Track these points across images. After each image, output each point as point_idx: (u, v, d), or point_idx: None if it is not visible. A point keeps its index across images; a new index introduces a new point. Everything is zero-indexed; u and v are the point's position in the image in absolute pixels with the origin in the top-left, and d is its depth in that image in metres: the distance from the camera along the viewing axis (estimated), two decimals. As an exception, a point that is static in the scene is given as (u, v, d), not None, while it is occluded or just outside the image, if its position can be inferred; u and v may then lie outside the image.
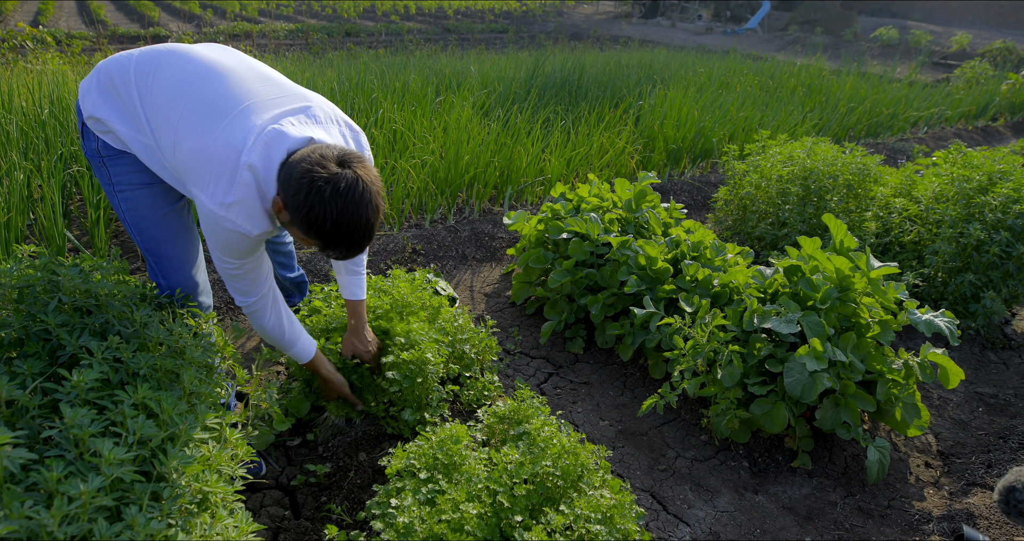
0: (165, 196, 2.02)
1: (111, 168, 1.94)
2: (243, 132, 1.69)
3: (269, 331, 2.05)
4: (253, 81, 1.83)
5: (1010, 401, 3.09)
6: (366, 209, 1.64)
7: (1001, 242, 3.34)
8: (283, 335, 2.08)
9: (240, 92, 1.77)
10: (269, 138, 1.68)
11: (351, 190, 1.60)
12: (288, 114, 1.77)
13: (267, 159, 1.67)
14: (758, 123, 6.42)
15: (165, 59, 1.85)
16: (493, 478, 1.80)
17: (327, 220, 1.60)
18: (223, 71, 1.81)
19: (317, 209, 1.59)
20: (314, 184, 1.58)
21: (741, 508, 2.35)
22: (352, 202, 1.61)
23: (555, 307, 3.24)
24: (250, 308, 1.99)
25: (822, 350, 2.34)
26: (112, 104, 1.86)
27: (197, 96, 1.75)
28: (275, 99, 1.80)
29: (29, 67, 7.26)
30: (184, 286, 2.09)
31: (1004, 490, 2.04)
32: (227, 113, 1.72)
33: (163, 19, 18.09)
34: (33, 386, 1.38)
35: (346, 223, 1.62)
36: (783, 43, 18.54)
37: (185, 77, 1.79)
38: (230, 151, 1.67)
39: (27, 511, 1.07)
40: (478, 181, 4.52)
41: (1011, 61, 15.03)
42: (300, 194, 1.59)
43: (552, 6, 27.17)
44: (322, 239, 1.66)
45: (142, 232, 2.01)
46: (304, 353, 2.18)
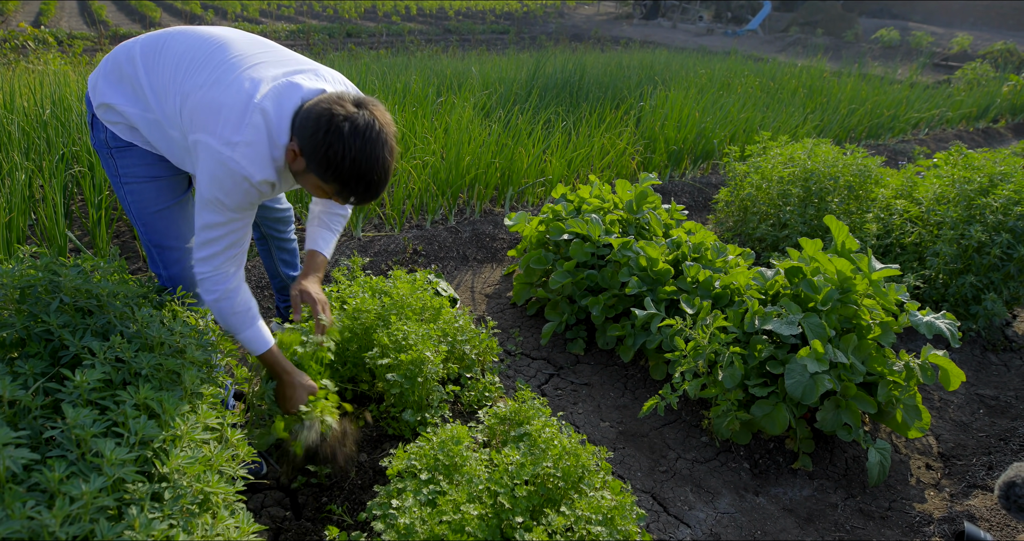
0: (171, 190, 2.05)
1: (118, 160, 1.97)
2: (255, 81, 1.71)
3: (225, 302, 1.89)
4: (260, 51, 1.86)
5: (1011, 403, 3.08)
6: (383, 149, 1.66)
7: (1002, 244, 3.34)
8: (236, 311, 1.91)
9: (246, 56, 1.80)
10: (282, 87, 1.71)
11: (369, 128, 1.63)
12: (299, 72, 1.80)
13: (280, 106, 1.70)
14: (759, 124, 6.42)
15: (170, 36, 1.89)
16: (494, 479, 1.80)
17: (346, 157, 1.62)
18: (228, 41, 1.85)
19: (336, 146, 1.61)
20: (333, 121, 1.61)
21: (742, 509, 2.35)
22: (370, 141, 1.63)
23: (556, 308, 3.24)
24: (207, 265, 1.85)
25: (823, 352, 2.34)
26: (117, 87, 1.89)
27: (204, 59, 1.78)
28: (283, 62, 1.83)
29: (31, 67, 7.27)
30: (184, 278, 2.12)
31: (1004, 485, 2.05)
32: (235, 67, 1.74)
33: (164, 20, 18.11)
34: (35, 386, 1.38)
35: (364, 161, 1.64)
36: (784, 44, 18.54)
37: (191, 47, 1.83)
38: (241, 96, 1.68)
39: (29, 511, 1.07)
40: (479, 182, 4.53)
41: (1012, 63, 15.04)
42: (319, 132, 1.61)
43: (553, 7, 27.18)
44: (340, 180, 1.67)
45: (146, 224, 2.04)
46: (259, 340, 1.97)
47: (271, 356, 1.99)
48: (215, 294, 1.88)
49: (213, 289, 1.88)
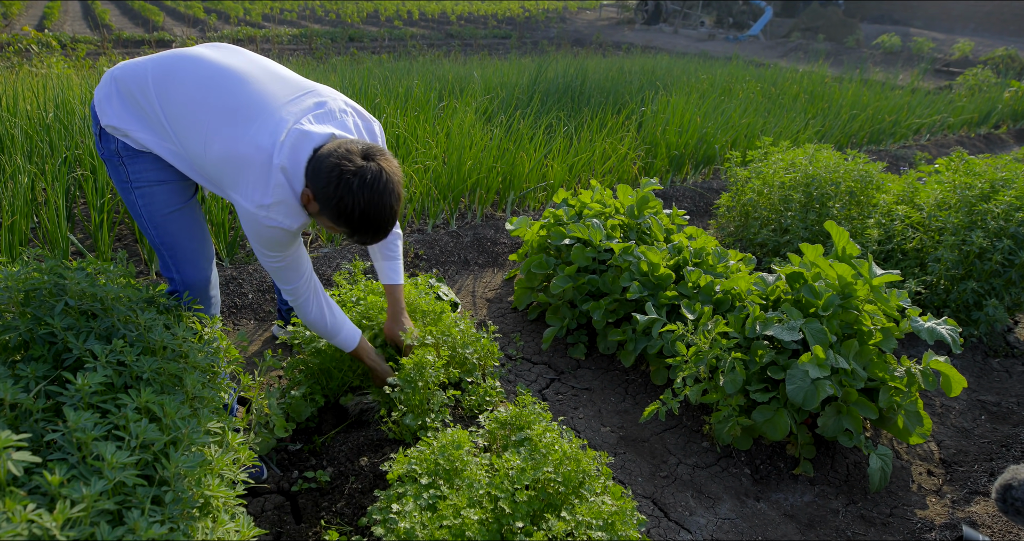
0: (181, 192, 2.10)
1: (130, 166, 2.00)
2: (270, 134, 1.80)
3: (314, 318, 2.17)
4: (266, 81, 1.93)
5: (1013, 409, 3.08)
6: (390, 197, 1.79)
7: (1004, 250, 3.34)
8: (325, 323, 2.20)
9: (257, 94, 1.87)
10: (295, 139, 1.80)
11: (376, 180, 1.75)
12: (307, 112, 1.89)
13: (295, 159, 1.80)
14: (760, 130, 6.43)
15: (179, 66, 1.92)
16: (495, 484, 1.80)
17: (355, 209, 1.75)
18: (238, 75, 1.90)
19: (346, 199, 1.74)
20: (343, 177, 1.72)
21: (743, 515, 2.35)
22: (377, 192, 1.76)
23: (557, 313, 3.24)
24: (295, 295, 2.11)
25: (824, 357, 2.33)
26: (133, 114, 1.94)
27: (217, 102, 1.85)
28: (290, 97, 1.91)
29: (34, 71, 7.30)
30: (197, 280, 2.18)
31: (1001, 488, 2.04)
32: (250, 118, 1.83)
33: (167, 23, 18.17)
34: (37, 389, 1.38)
35: (372, 211, 1.77)
36: (785, 50, 18.57)
37: (202, 84, 1.88)
38: (260, 155, 1.79)
39: (30, 514, 1.07)
40: (480, 186, 4.53)
41: (1013, 69, 15.05)
42: (330, 186, 1.74)
43: (555, 12, 27.24)
44: (350, 226, 1.81)
45: (157, 226, 2.08)
46: (349, 341, 2.29)
47: (357, 353, 2.35)
48: (307, 318, 2.19)
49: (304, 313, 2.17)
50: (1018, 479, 2.01)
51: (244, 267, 3.57)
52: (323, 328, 2.22)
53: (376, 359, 2.42)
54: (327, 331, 2.23)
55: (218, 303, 2.34)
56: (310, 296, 2.15)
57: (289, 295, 2.13)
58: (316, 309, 2.17)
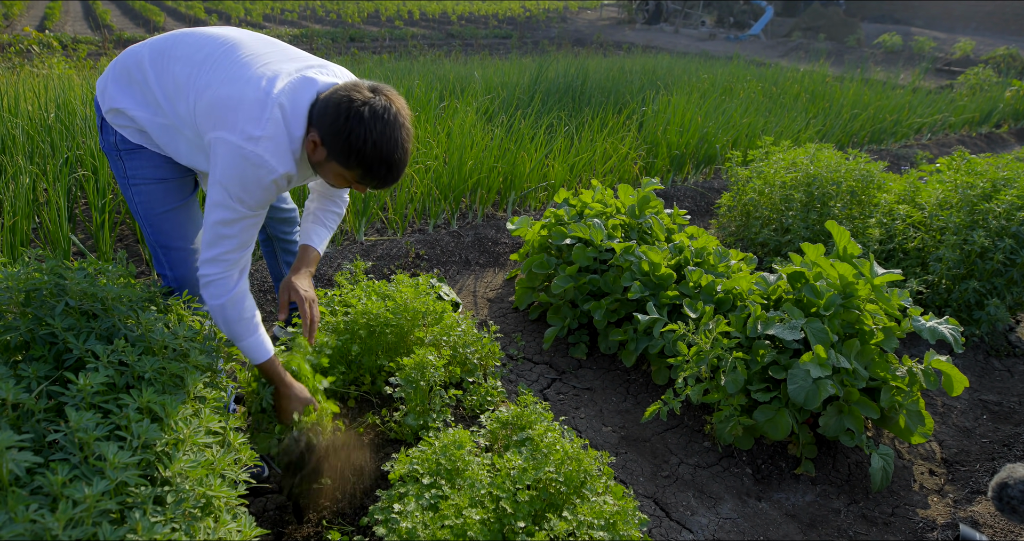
0: (178, 191, 2.08)
1: (127, 162, 1.99)
2: (270, 78, 1.76)
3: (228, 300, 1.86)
4: (269, 52, 1.90)
5: (1014, 409, 3.08)
6: (401, 131, 1.73)
7: (1005, 249, 3.33)
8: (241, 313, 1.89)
9: (257, 54, 1.85)
10: (298, 82, 1.77)
11: (387, 111, 1.70)
12: (311, 67, 1.86)
13: (296, 100, 1.75)
14: (761, 129, 6.42)
15: (178, 37, 1.93)
16: (496, 484, 1.80)
17: (368, 141, 1.68)
18: (238, 40, 1.90)
19: (358, 130, 1.67)
20: (352, 107, 1.67)
21: (744, 515, 2.35)
22: (389, 124, 1.70)
23: (558, 312, 3.24)
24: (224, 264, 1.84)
25: (826, 357, 2.33)
26: (127, 91, 1.92)
27: (217, 58, 1.83)
28: (294, 58, 1.89)
29: (35, 71, 7.30)
30: (189, 278, 2.15)
31: (997, 487, 2.05)
32: (250, 65, 1.80)
33: (168, 24, 18.18)
34: (39, 389, 1.38)
35: (385, 144, 1.70)
36: (786, 49, 18.57)
37: (201, 47, 1.87)
38: (258, 93, 1.73)
39: (32, 514, 1.07)
40: (481, 186, 4.53)
41: (1015, 68, 15.04)
42: (340, 119, 1.67)
43: (556, 12, 27.24)
44: (363, 164, 1.73)
45: (152, 224, 2.07)
46: (258, 349, 1.94)
47: (270, 365, 1.98)
48: (220, 299, 1.86)
49: (218, 293, 1.85)
50: (1014, 477, 2.02)
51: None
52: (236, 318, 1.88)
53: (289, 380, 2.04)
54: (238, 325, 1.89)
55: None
56: (235, 274, 1.88)
57: (215, 264, 1.84)
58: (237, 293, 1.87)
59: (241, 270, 1.91)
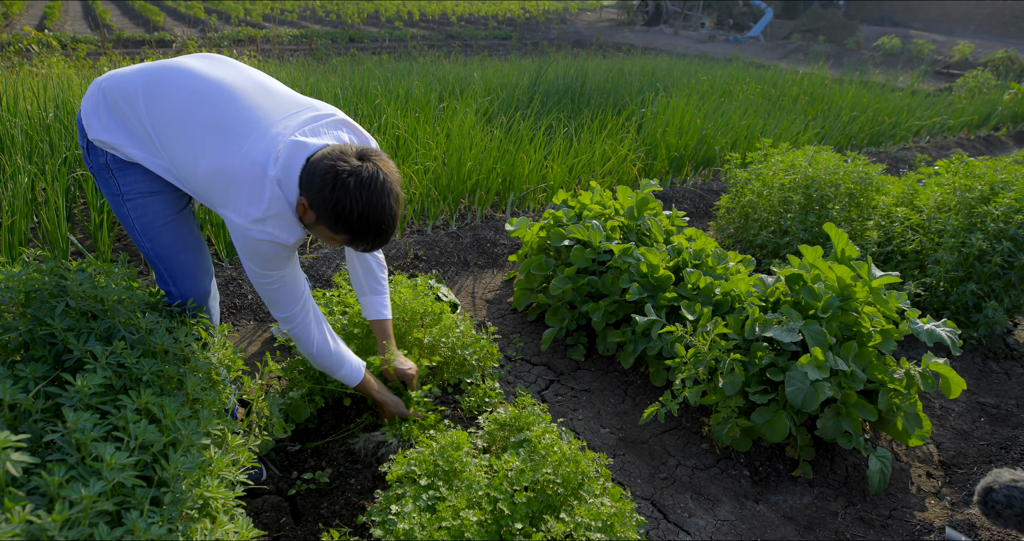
0: (174, 203, 2.03)
1: (120, 178, 1.94)
2: (263, 148, 1.73)
3: (317, 350, 2.06)
4: (258, 96, 1.86)
5: (1012, 411, 3.08)
6: (388, 198, 1.72)
7: (1003, 252, 3.34)
8: (330, 355, 2.09)
9: (249, 110, 1.81)
10: (290, 150, 1.74)
11: (373, 180, 1.68)
12: (301, 125, 1.82)
13: (289, 169, 1.73)
14: (760, 131, 6.43)
15: (169, 78, 1.86)
16: (494, 485, 1.80)
17: (354, 211, 1.67)
18: (229, 89, 1.84)
19: (343, 201, 1.66)
20: (338, 177, 1.65)
21: (742, 517, 2.35)
22: (376, 192, 1.68)
23: (556, 314, 3.25)
24: (291, 323, 2.00)
25: (823, 359, 2.34)
26: (122, 127, 1.87)
27: (208, 117, 1.79)
28: (284, 113, 1.84)
29: (34, 71, 7.30)
30: (196, 292, 2.10)
31: (982, 491, 2.05)
32: (242, 133, 1.76)
33: (168, 24, 18.17)
34: (36, 390, 1.38)
35: (372, 212, 1.69)
36: (785, 51, 18.59)
37: (192, 98, 1.81)
38: (254, 168, 1.72)
39: (28, 515, 1.07)
40: (480, 187, 4.54)
41: (1013, 71, 15.06)
42: (326, 189, 1.66)
43: (555, 13, 27.26)
44: (350, 231, 1.73)
45: (152, 239, 2.01)
46: (353, 375, 2.17)
47: (362, 387, 2.22)
48: (309, 349, 2.06)
49: (305, 344, 2.05)
50: (999, 482, 2.02)
51: (245, 279, 3.57)
52: (327, 361, 2.10)
53: (384, 391, 2.30)
54: (331, 365, 2.12)
55: (217, 314, 2.27)
56: (309, 324, 2.03)
57: (285, 324, 2.00)
58: (319, 339, 2.06)
59: (314, 316, 2.05)
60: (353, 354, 2.19)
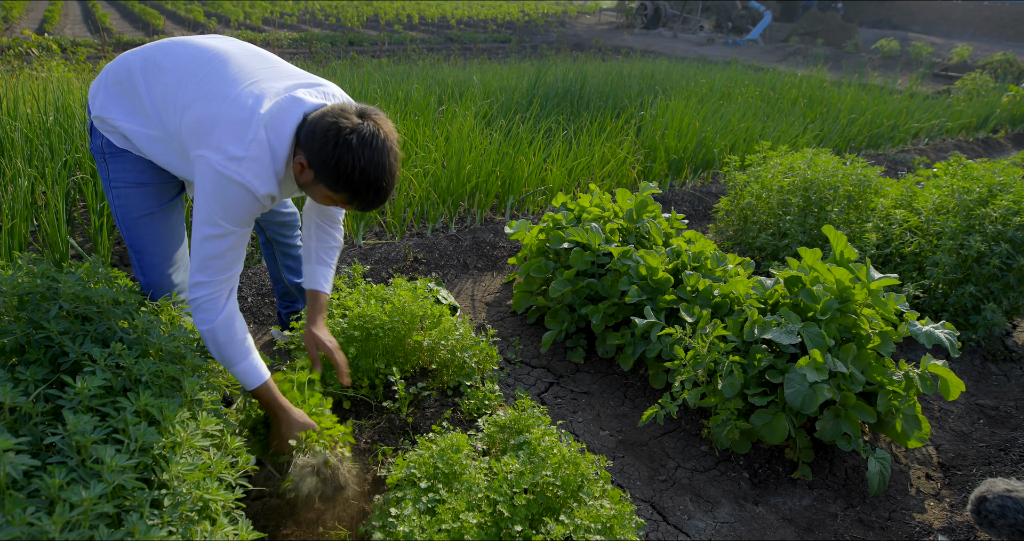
0: (157, 196, 2.10)
1: (111, 165, 2.02)
2: (257, 96, 1.76)
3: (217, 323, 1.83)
4: (256, 62, 1.91)
5: (1011, 413, 3.08)
6: (388, 156, 1.73)
7: (1001, 254, 3.34)
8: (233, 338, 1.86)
9: (245, 70, 1.85)
10: (285, 102, 1.76)
11: (375, 138, 1.70)
12: (302, 86, 1.85)
13: (282, 121, 1.74)
14: (759, 134, 6.44)
15: (169, 47, 1.94)
16: (493, 487, 1.80)
17: (356, 167, 1.68)
18: (226, 55, 1.89)
19: (346, 158, 1.67)
20: (340, 134, 1.66)
21: (741, 519, 2.35)
22: (377, 149, 1.70)
23: (556, 317, 3.25)
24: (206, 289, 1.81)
25: (822, 361, 2.34)
26: (117, 100, 1.94)
27: (206, 72, 1.83)
28: (280, 75, 1.88)
29: (34, 74, 7.31)
30: (161, 283, 2.16)
31: (976, 500, 2.05)
32: (235, 82, 1.79)
33: (168, 27, 18.20)
34: (36, 393, 1.38)
35: (373, 170, 1.70)
36: (784, 54, 18.62)
37: (191, 59, 1.88)
38: (243, 112, 1.73)
39: (29, 517, 1.07)
40: (480, 190, 4.54)
41: (1012, 73, 15.08)
42: (328, 145, 1.67)
43: (555, 16, 27.30)
44: (350, 189, 1.73)
45: (128, 228, 2.09)
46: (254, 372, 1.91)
47: (266, 390, 1.93)
48: (210, 323, 1.83)
49: (208, 318, 1.83)
50: (993, 491, 2.02)
51: (244, 271, 3.58)
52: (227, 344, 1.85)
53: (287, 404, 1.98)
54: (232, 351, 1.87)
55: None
56: (222, 296, 1.85)
57: (200, 289, 1.81)
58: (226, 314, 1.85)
59: (230, 290, 1.88)
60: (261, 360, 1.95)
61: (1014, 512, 1.96)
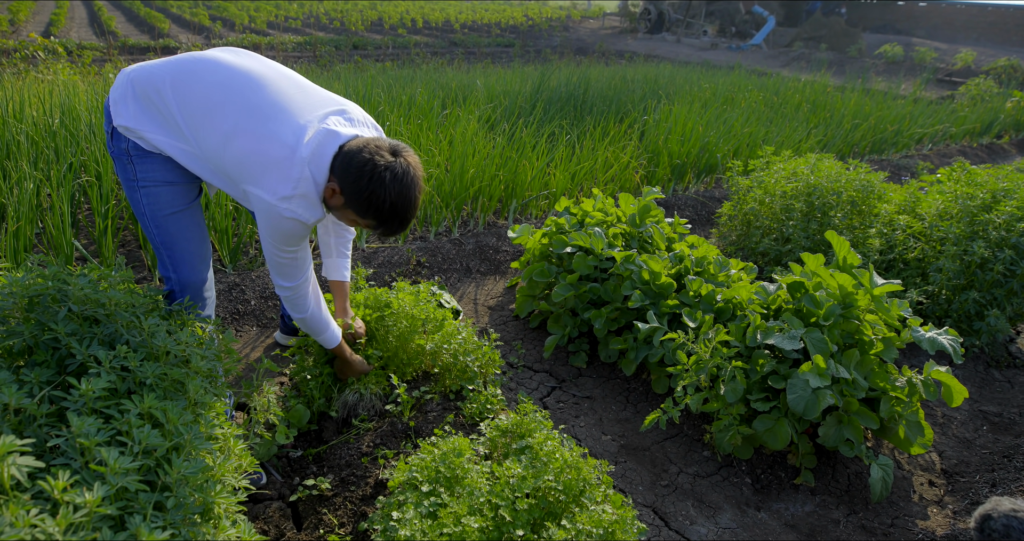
0: (184, 194, 2.16)
1: (138, 165, 2.05)
2: (295, 131, 1.88)
3: (310, 314, 2.25)
4: (286, 86, 2.00)
5: (1015, 420, 3.07)
6: (415, 190, 1.92)
7: (1005, 260, 3.34)
8: (320, 319, 2.29)
9: (279, 96, 1.95)
10: (322, 136, 1.90)
11: (405, 175, 1.88)
12: (331, 115, 1.98)
13: (321, 155, 1.89)
14: (762, 139, 6.44)
15: (198, 68, 1.98)
16: (495, 492, 1.80)
17: (386, 201, 1.87)
18: (258, 78, 1.97)
19: (379, 192, 1.85)
20: (375, 171, 1.84)
21: (743, 525, 2.35)
22: (406, 185, 1.88)
23: (558, 321, 3.25)
24: (293, 291, 2.16)
25: (825, 367, 2.34)
26: (147, 115, 1.99)
27: (239, 101, 1.91)
28: (312, 103, 1.99)
29: (40, 77, 7.34)
30: (192, 280, 2.23)
31: (980, 518, 2.05)
32: (273, 116, 1.90)
33: (173, 31, 18.28)
34: (41, 394, 1.39)
35: (401, 203, 1.90)
36: (788, 59, 18.63)
37: (222, 85, 1.94)
38: (285, 150, 1.86)
39: (32, 519, 1.07)
40: (483, 194, 4.55)
41: (1016, 79, 15.07)
42: (363, 179, 1.84)
43: (558, 21, 27.36)
44: (378, 218, 1.92)
45: (159, 226, 2.13)
46: (333, 338, 2.38)
47: (340, 349, 2.44)
48: (303, 314, 2.24)
49: (298, 313, 2.23)
50: (998, 510, 2.01)
51: (247, 274, 3.59)
52: (315, 324, 2.29)
53: (353, 353, 2.54)
54: (318, 327, 2.31)
55: (213, 303, 2.38)
56: (308, 293, 2.21)
57: (289, 292, 2.17)
58: (313, 306, 2.25)
59: (313, 288, 2.24)
60: (334, 322, 2.41)
61: (1018, 532, 1.95)
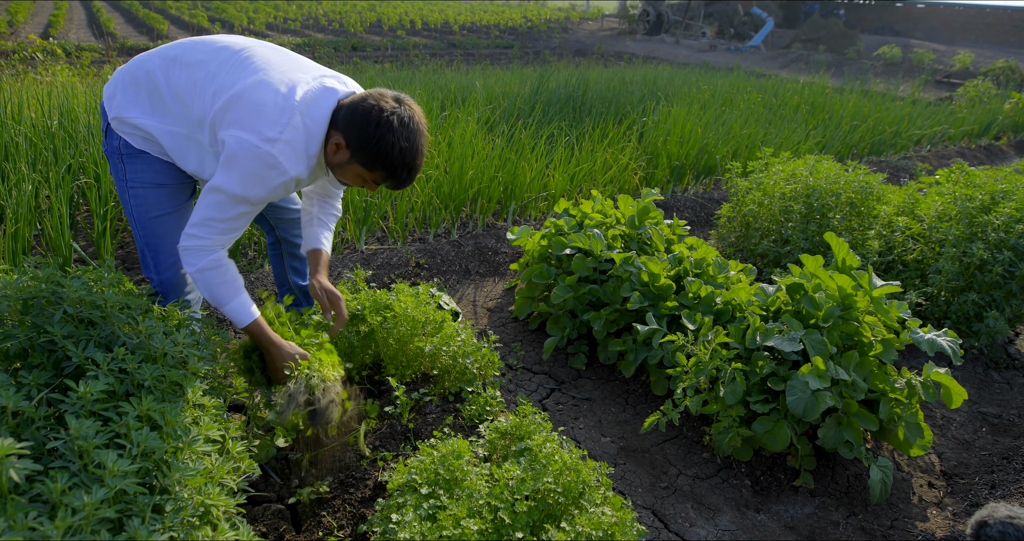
0: (173, 198, 2.14)
1: (128, 165, 2.05)
2: (289, 84, 1.86)
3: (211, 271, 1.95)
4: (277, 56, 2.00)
5: (1014, 421, 3.07)
6: (421, 138, 1.91)
7: (1004, 261, 3.34)
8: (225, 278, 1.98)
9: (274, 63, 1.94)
10: (318, 90, 1.89)
11: (412, 120, 1.87)
12: (327, 76, 1.97)
13: (318, 107, 1.87)
14: (761, 140, 6.45)
15: (188, 45, 2.01)
16: (494, 494, 1.80)
17: (396, 146, 1.83)
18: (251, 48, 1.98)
19: (387, 138, 1.82)
20: (382, 116, 1.81)
21: (743, 527, 2.34)
22: (413, 131, 1.87)
23: (558, 323, 3.25)
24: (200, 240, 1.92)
25: (824, 368, 2.34)
26: (135, 100, 1.99)
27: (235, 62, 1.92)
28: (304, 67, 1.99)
29: (39, 79, 7.34)
30: (175, 282, 2.22)
31: (976, 524, 2.05)
32: (268, 70, 1.89)
33: (172, 32, 18.28)
34: (39, 397, 1.38)
35: (410, 150, 1.87)
36: (786, 61, 18.66)
37: (217, 53, 1.96)
38: (278, 97, 1.83)
39: (31, 522, 1.07)
40: (482, 196, 4.55)
41: (1014, 80, 15.11)
42: (370, 126, 1.81)
43: (557, 22, 27.39)
44: (387, 167, 1.88)
45: (144, 227, 2.13)
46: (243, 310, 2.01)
47: (257, 327, 2.05)
48: (201, 263, 1.93)
49: (196, 260, 1.94)
50: (994, 517, 2.01)
51: (245, 276, 3.58)
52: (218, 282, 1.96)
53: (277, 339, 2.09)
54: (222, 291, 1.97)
55: (199, 303, 2.36)
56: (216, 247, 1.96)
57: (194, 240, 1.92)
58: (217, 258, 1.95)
59: (222, 247, 1.98)
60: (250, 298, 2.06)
61: (1014, 539, 1.95)
